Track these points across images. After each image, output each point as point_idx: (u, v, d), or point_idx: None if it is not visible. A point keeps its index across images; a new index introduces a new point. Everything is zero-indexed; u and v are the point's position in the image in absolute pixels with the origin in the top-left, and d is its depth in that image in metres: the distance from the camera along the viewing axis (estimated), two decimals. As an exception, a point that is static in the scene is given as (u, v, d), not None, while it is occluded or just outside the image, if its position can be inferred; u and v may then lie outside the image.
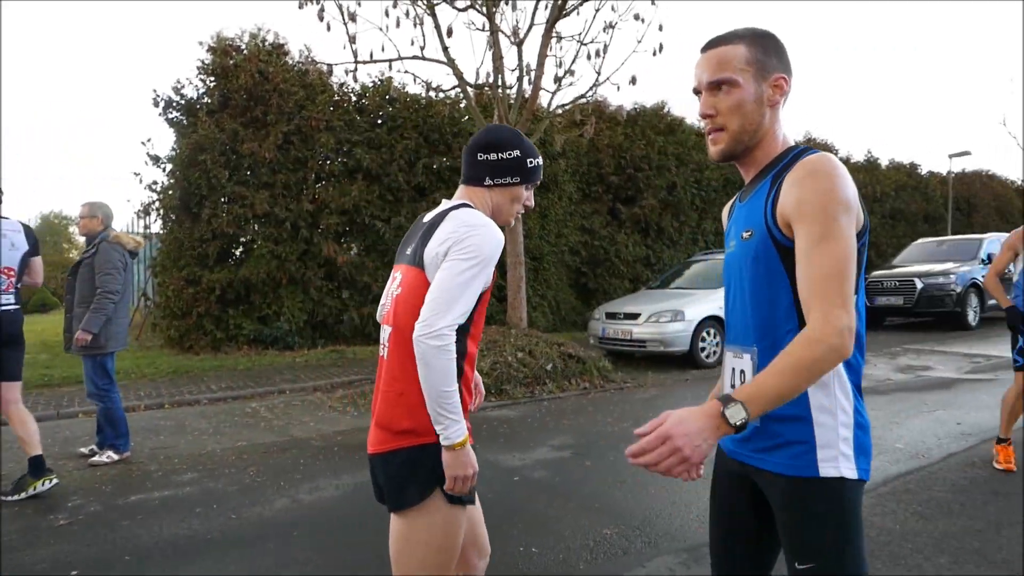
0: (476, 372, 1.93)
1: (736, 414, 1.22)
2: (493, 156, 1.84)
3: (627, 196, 14.18)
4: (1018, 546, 3.30)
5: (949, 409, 6.13)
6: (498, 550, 3.38)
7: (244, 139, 10.04)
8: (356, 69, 8.19)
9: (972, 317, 12.41)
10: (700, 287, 10.04)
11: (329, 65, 8.72)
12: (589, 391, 7.58)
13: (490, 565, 2.18)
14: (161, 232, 10.84)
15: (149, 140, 10.44)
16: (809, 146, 1.48)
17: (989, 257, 12.30)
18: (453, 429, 1.65)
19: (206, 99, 10.29)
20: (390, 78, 10.95)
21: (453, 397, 1.64)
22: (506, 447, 5.34)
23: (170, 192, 10.17)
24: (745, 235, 1.47)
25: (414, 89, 11.64)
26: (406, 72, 9.98)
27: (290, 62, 10.75)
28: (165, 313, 10.37)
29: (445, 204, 1.84)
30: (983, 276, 4.52)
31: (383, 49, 8.77)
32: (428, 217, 1.84)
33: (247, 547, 3.48)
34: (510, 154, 1.84)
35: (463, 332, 1.70)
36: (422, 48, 8.22)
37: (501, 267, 11.74)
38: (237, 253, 10.68)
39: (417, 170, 11.26)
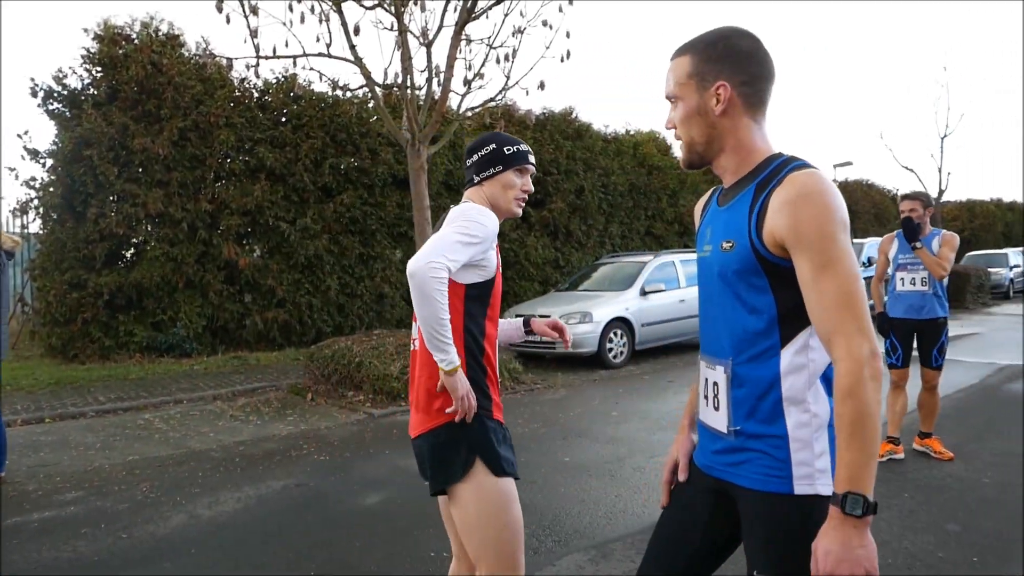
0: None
1: (855, 504, 1.21)
2: (475, 157, 2.08)
3: (536, 199, 14.35)
4: (896, 528, 3.57)
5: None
6: (409, 556, 3.34)
7: (135, 134, 9.46)
8: (258, 64, 7.88)
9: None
10: (608, 289, 10.30)
11: (229, 59, 8.35)
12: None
13: (401, 571, 2.15)
14: (40, 232, 10.04)
15: (27, 133, 9.68)
16: (794, 157, 1.43)
17: (869, 260, 13.29)
18: (451, 355, 1.81)
19: (92, 91, 9.63)
20: (294, 75, 10.60)
21: (447, 326, 1.79)
22: (417, 451, 5.28)
23: (51, 189, 9.45)
24: (726, 245, 1.42)
25: (320, 87, 11.34)
26: (311, 69, 9.71)
27: (186, 54, 10.22)
28: (45, 320, 9.61)
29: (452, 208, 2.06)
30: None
31: (287, 45, 8.53)
32: (441, 217, 2.10)
33: (139, 568, 3.27)
34: (487, 149, 2.06)
35: (480, 313, 1.95)
36: (328, 46, 8.02)
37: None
38: (128, 255, 10.04)
39: (324, 170, 10.96)
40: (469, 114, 9.12)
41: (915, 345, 4.78)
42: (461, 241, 1.85)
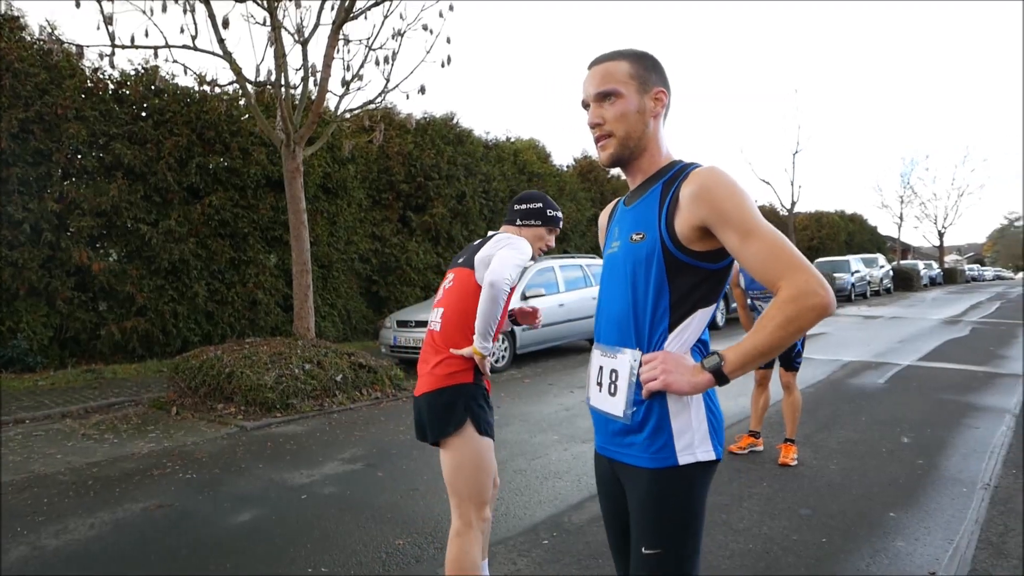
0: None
1: (711, 360, 1.43)
2: (524, 206, 2.66)
3: (417, 204, 14.25)
4: (756, 515, 3.83)
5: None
6: (285, 574, 3.19)
7: (-34, 125, 8.47)
8: (113, 54, 7.34)
9: (719, 318, 14.48)
10: (489, 294, 10.36)
11: (79, 46, 7.69)
12: (381, 401, 7.47)
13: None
14: None
15: None
16: (693, 162, 1.59)
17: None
18: (487, 343, 2.45)
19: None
20: (156, 67, 9.91)
21: (493, 327, 2.43)
22: (293, 464, 5.07)
23: None
24: (636, 237, 1.55)
25: (186, 81, 10.68)
26: (175, 62, 9.10)
27: (28, 39, 9.28)
28: None
29: (491, 233, 2.65)
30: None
31: (147, 34, 7.88)
32: (478, 241, 2.67)
33: (-30, 609, 2.92)
34: (535, 205, 2.66)
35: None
36: (193, 38, 7.58)
37: (287, 276, 11.17)
38: (-43, 260, 8.96)
39: (190, 170, 10.30)
40: (347, 116, 8.91)
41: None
42: (515, 259, 2.44)
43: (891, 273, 30.08)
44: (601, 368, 1.62)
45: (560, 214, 2.72)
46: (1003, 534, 3.49)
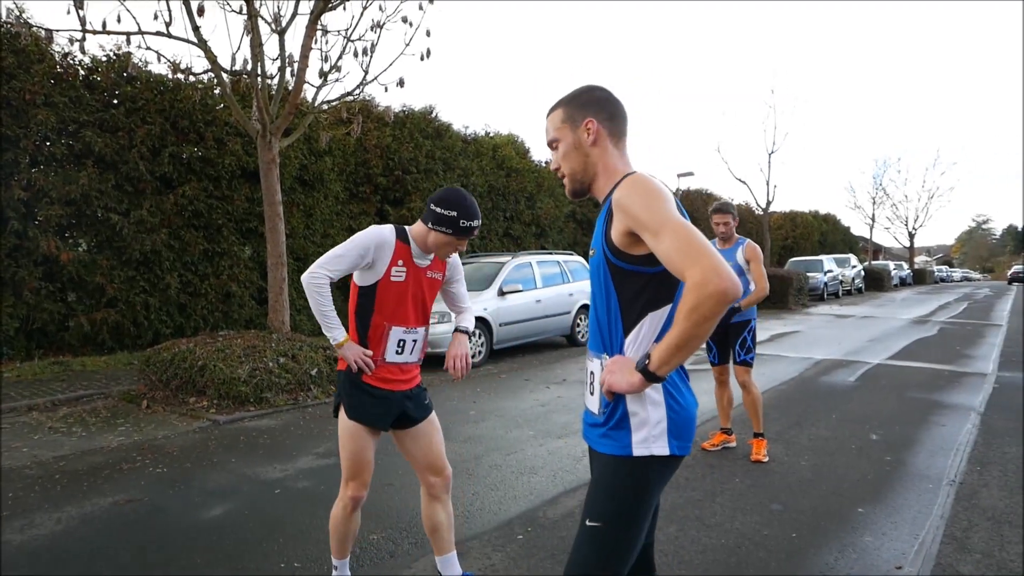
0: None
1: (640, 360, 1.57)
2: (438, 210, 2.54)
3: (395, 198, 14.15)
4: (728, 510, 3.87)
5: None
6: (257, 569, 3.16)
7: (-71, 109, 8.23)
8: (84, 39, 7.15)
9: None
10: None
11: (48, 31, 7.51)
12: (356, 395, 7.41)
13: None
14: None
15: None
16: (631, 172, 1.73)
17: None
18: (333, 335, 2.64)
19: None
20: (128, 53, 9.69)
21: (327, 316, 2.63)
22: (266, 458, 5.02)
23: None
24: (591, 252, 1.76)
25: (159, 69, 10.46)
26: (148, 49, 8.88)
27: (-5, 22, 9.03)
28: None
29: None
30: None
31: (119, 20, 7.69)
32: None
33: (-70, 606, 2.85)
34: (450, 213, 2.52)
35: (366, 310, 2.65)
36: (168, 24, 7.43)
37: (261, 268, 11.02)
38: (-81, 247, 8.72)
39: (163, 159, 10.11)
40: (325, 107, 8.81)
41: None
42: (333, 256, 2.59)
43: (863, 273, 30.59)
44: (587, 370, 1.83)
45: (476, 223, 2.56)
46: (967, 529, 3.57)
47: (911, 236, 46.45)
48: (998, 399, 6.88)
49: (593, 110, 1.76)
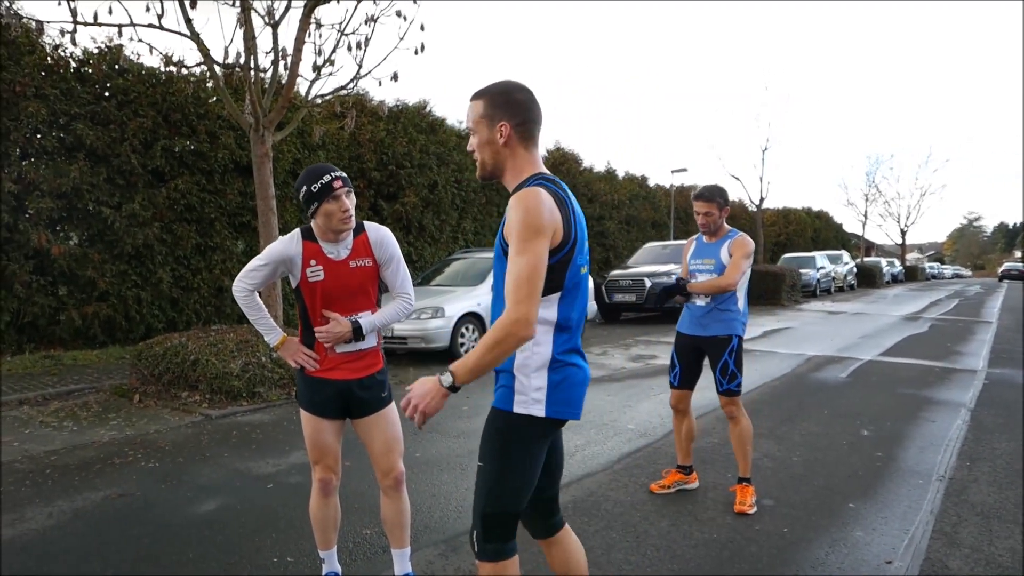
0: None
1: (446, 379, 1.81)
2: (299, 200, 2.58)
3: (389, 193, 14.12)
4: (720, 505, 3.89)
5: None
6: (249, 564, 3.16)
7: (-82, 100, 8.15)
8: (75, 31, 7.10)
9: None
10: (460, 284, 10.35)
11: (39, 22, 7.44)
12: (349, 390, 7.40)
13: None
14: None
15: None
16: (540, 175, 1.94)
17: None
18: (268, 338, 2.79)
19: None
20: (120, 46, 9.63)
21: (258, 323, 2.79)
22: (259, 453, 5.01)
23: None
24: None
25: (151, 61, 10.39)
26: (140, 41, 8.84)
27: (-15, 13, 8.95)
28: None
29: None
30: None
31: (111, 12, 7.64)
32: None
33: (-80, 601, 2.84)
34: (300, 193, 2.56)
35: (304, 309, 2.72)
36: (160, 16, 7.37)
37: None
38: (-92, 240, 8.65)
39: (155, 152, 10.05)
40: (318, 101, 8.78)
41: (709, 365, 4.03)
42: (247, 270, 2.77)
43: (855, 270, 30.71)
44: None
45: (326, 177, 2.49)
46: (956, 524, 3.60)
47: (903, 233, 46.70)
48: (988, 395, 6.94)
49: (509, 114, 1.93)
